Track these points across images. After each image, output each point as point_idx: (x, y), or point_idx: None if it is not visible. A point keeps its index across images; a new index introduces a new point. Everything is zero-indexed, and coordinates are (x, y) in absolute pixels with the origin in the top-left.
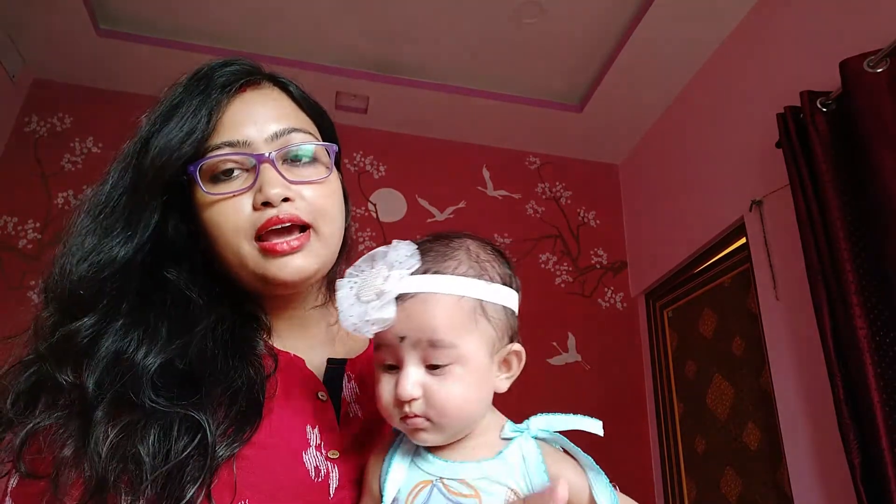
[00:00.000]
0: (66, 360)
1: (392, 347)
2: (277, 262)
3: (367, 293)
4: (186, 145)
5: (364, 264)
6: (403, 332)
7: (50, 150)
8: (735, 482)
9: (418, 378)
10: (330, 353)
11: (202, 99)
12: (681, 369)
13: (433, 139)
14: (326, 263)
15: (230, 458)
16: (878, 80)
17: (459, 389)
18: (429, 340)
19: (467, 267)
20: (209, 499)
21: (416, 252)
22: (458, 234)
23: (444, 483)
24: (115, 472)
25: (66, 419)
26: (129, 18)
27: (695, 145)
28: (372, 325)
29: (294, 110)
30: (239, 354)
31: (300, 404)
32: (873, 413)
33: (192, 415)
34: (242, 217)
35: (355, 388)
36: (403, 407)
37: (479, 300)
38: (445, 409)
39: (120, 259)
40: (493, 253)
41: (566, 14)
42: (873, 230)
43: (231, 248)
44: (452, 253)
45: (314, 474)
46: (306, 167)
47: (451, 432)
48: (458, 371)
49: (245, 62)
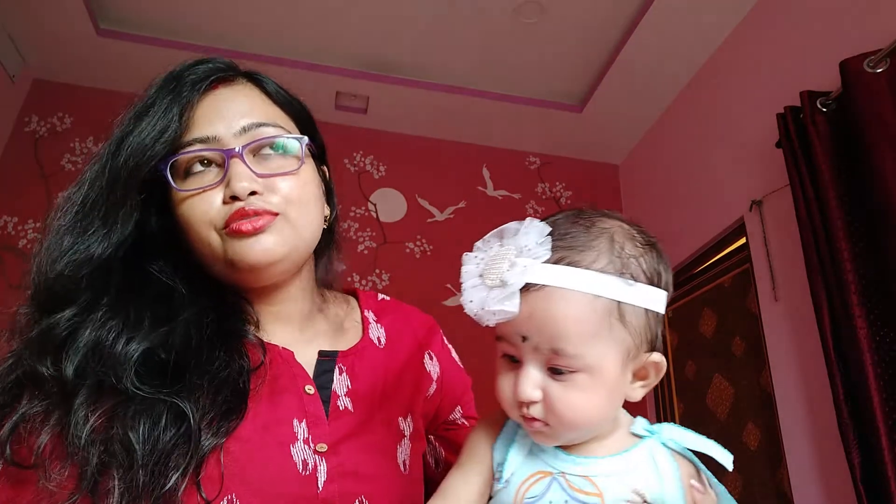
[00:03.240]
0: (46, 352)
1: (513, 342)
2: (243, 244)
3: (493, 276)
4: (159, 144)
5: (493, 239)
6: (525, 332)
7: (50, 150)
8: (735, 482)
9: (538, 380)
10: (322, 345)
11: (173, 97)
12: (681, 369)
13: (433, 139)
14: (297, 248)
15: (216, 447)
16: (878, 80)
17: (583, 400)
18: (551, 346)
19: (607, 261)
20: (198, 490)
21: (547, 240)
22: (605, 216)
23: (565, 478)
24: (96, 457)
25: (48, 408)
26: (129, 18)
27: (695, 145)
28: (493, 314)
29: (265, 105)
30: (224, 345)
31: (288, 397)
32: (873, 413)
33: (177, 403)
34: (213, 211)
35: (347, 381)
36: (522, 408)
37: (616, 302)
38: (565, 417)
39: (97, 257)
40: (644, 245)
41: (566, 14)
42: (873, 230)
43: (202, 241)
44: (592, 242)
45: (301, 468)
46: (277, 160)
47: (570, 438)
48: (583, 380)
49: (219, 60)
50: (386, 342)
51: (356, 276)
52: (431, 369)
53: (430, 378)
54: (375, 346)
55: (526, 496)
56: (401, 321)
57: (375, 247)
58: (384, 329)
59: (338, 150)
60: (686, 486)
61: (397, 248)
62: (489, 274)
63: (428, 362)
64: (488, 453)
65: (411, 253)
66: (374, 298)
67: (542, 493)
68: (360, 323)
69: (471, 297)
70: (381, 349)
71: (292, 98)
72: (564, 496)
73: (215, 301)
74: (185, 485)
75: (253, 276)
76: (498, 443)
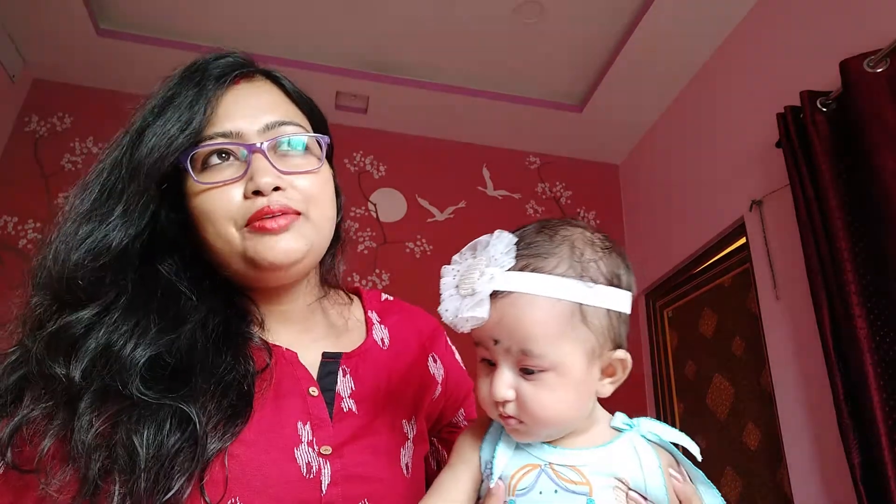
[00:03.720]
0: (59, 350)
1: (487, 347)
2: (266, 242)
3: (466, 286)
4: (184, 136)
5: (468, 252)
6: (497, 336)
7: (50, 150)
8: (735, 482)
9: (511, 381)
10: (326, 346)
11: (198, 91)
12: (681, 369)
13: (433, 139)
14: (316, 248)
15: (221, 451)
16: (878, 80)
17: (552, 398)
18: (520, 348)
19: (568, 266)
20: (202, 494)
21: (513, 248)
22: (567, 224)
23: (553, 468)
24: (99, 461)
25: (52, 410)
26: (129, 18)
27: (695, 145)
28: (466, 321)
29: (286, 103)
30: (230, 348)
31: (292, 400)
32: (873, 413)
33: (182, 407)
34: (233, 205)
35: (350, 383)
36: (498, 407)
37: (576, 304)
38: (537, 414)
39: (116, 246)
40: (603, 249)
41: (566, 14)
42: (873, 230)
43: (220, 235)
44: (555, 249)
45: (305, 471)
46: (297, 158)
47: (545, 435)
48: (551, 378)
49: (239, 55)
50: (390, 343)
51: (356, 275)
52: (436, 372)
53: (435, 381)
54: (379, 347)
55: (517, 488)
56: (405, 322)
57: (375, 247)
58: (388, 330)
59: (338, 150)
60: (667, 476)
61: (397, 248)
62: (463, 284)
63: (432, 365)
64: (476, 454)
65: (411, 253)
66: (378, 298)
67: (532, 483)
68: (364, 323)
69: (446, 307)
70: (384, 350)
71: (307, 96)
72: (553, 486)
73: (222, 302)
74: (189, 489)
75: (272, 274)
76: (485, 443)
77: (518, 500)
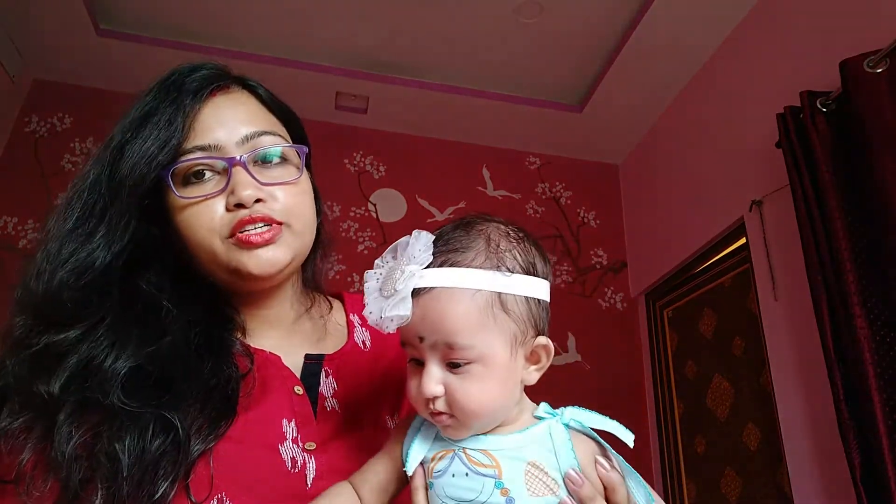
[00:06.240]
0: (41, 369)
1: (414, 345)
2: (250, 254)
3: (388, 287)
4: (163, 154)
5: (389, 255)
6: (422, 333)
7: (50, 150)
8: (735, 482)
9: (439, 377)
10: (309, 349)
11: (176, 107)
12: (681, 369)
13: (433, 139)
14: (299, 254)
15: (205, 452)
16: (878, 80)
17: (479, 389)
18: (445, 342)
19: (484, 258)
20: (187, 493)
21: (430, 245)
22: (482, 219)
23: (465, 452)
24: (80, 472)
25: (30, 423)
26: (129, 18)
27: (695, 145)
28: (391, 321)
29: (263, 113)
30: (212, 355)
31: (276, 399)
32: (873, 413)
33: (165, 414)
34: (216, 218)
35: (333, 384)
36: (429, 405)
37: (495, 294)
38: (466, 407)
39: (99, 264)
40: (517, 240)
41: (566, 14)
42: (873, 230)
43: (204, 248)
44: (471, 243)
45: (290, 465)
46: (276, 168)
47: (476, 427)
48: (477, 370)
49: (213, 66)
50: (371, 346)
51: (356, 276)
52: None
53: None
54: (361, 349)
55: (434, 471)
56: None
57: (375, 247)
58: (369, 332)
59: (338, 150)
60: (585, 463)
61: None
62: (385, 286)
63: None
64: (398, 447)
65: None
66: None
67: (446, 467)
68: (346, 326)
69: (370, 309)
70: (366, 352)
71: (283, 104)
72: (465, 469)
73: (204, 310)
74: (174, 492)
75: (255, 283)
76: (406, 437)
77: (435, 483)
